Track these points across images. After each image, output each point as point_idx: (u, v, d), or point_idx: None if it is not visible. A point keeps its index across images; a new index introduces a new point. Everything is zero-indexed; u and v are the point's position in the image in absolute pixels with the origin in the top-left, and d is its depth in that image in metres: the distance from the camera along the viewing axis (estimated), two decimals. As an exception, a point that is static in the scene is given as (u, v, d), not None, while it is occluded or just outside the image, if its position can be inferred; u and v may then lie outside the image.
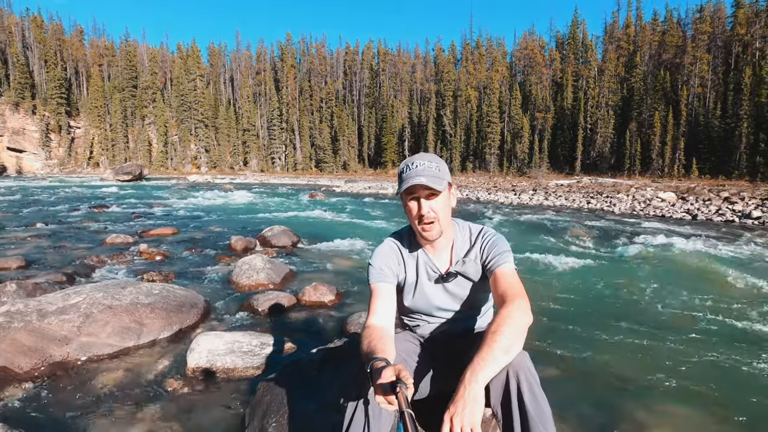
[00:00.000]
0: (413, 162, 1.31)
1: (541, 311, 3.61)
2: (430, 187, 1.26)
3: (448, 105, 54.94)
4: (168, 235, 7.29)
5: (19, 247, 5.96)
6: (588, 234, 8.51)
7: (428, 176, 1.26)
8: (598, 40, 55.43)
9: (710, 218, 11.86)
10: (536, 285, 4.59)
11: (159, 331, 2.89)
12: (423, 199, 1.30)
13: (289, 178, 50.67)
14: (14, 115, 57.93)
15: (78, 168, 59.95)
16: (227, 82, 74.16)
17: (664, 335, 3.13)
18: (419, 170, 1.28)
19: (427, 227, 1.32)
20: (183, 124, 64.43)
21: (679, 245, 7.03)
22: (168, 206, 13.47)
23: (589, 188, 24.17)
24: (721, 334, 3.20)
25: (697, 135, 38.54)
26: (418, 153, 1.42)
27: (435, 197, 1.30)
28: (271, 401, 1.80)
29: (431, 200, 1.30)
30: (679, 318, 3.57)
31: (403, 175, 1.31)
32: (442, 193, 1.31)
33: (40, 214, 10.56)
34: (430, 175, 1.27)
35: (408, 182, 1.27)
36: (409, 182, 1.27)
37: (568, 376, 2.53)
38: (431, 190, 1.28)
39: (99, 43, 73.09)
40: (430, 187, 1.26)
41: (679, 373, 2.54)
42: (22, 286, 3.43)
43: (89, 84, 65.78)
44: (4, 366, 2.35)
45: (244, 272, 4.33)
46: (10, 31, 64.50)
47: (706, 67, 41.82)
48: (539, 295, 4.19)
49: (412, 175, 1.27)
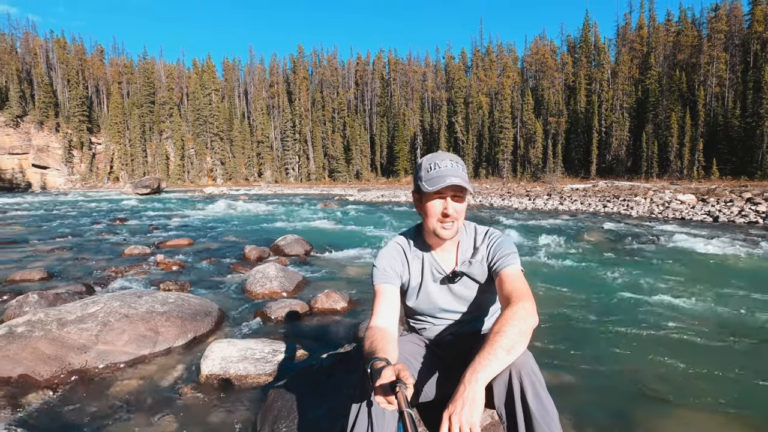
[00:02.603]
0: (442, 160, 1.31)
1: (555, 314, 3.55)
2: (464, 188, 1.28)
3: (460, 112, 54.94)
4: (184, 246, 7.42)
5: (42, 259, 6.14)
6: (604, 237, 8.36)
7: (461, 178, 1.28)
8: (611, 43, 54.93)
9: (732, 220, 11.51)
10: (550, 288, 4.52)
11: (174, 339, 2.93)
12: (449, 198, 1.31)
13: (302, 188, 51.17)
14: (39, 133, 60.11)
15: (99, 183, 61.72)
16: (241, 95, 75.72)
17: (683, 340, 3.04)
18: (451, 170, 1.28)
19: (448, 226, 1.33)
20: (199, 138, 65.88)
21: (699, 248, 6.84)
22: (185, 218, 13.72)
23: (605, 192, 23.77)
24: (744, 339, 3.09)
25: (716, 135, 37.65)
26: (437, 151, 1.43)
27: (460, 200, 1.32)
28: (281, 407, 1.81)
29: (456, 201, 1.31)
30: (698, 322, 3.46)
31: (430, 172, 1.30)
32: (466, 198, 1.34)
33: (62, 227, 10.87)
34: (462, 177, 1.29)
35: (443, 182, 1.26)
36: (445, 181, 1.26)
37: (581, 378, 2.47)
38: (459, 193, 1.30)
39: (118, 62, 75.59)
40: (464, 188, 1.28)
41: (697, 380, 2.46)
42: (43, 297, 3.53)
43: (109, 101, 67.96)
44: (25, 374, 2.41)
45: (258, 281, 4.37)
46: (35, 53, 67.29)
47: (724, 66, 40.98)
48: (553, 298, 4.13)
49: (444, 174, 1.27)
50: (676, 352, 2.84)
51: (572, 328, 3.34)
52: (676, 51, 46.94)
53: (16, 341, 2.54)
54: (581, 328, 3.34)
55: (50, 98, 62.48)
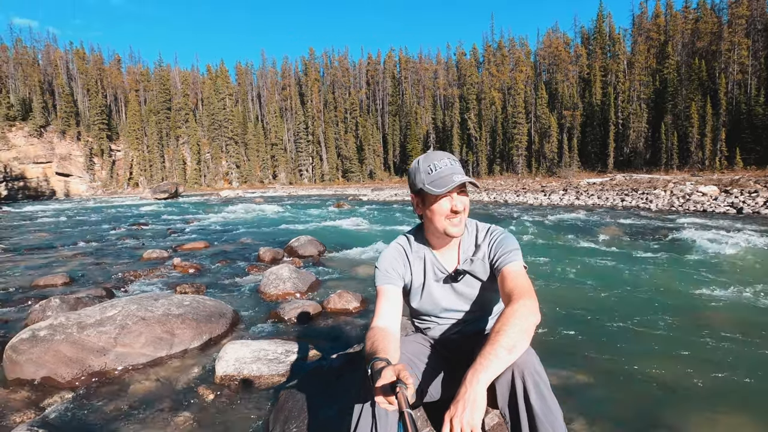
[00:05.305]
0: (440, 160, 1.31)
1: (565, 311, 3.50)
2: (474, 184, 1.30)
3: (472, 108, 54.49)
4: (200, 249, 7.55)
5: (64, 264, 6.34)
6: (622, 232, 8.19)
7: (464, 174, 1.30)
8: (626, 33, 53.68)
9: (757, 211, 11.15)
10: (561, 285, 4.46)
11: (190, 341, 2.99)
12: (456, 194, 1.31)
13: (316, 189, 51.53)
14: (61, 142, 62.00)
15: (119, 189, 63.33)
16: (254, 99, 76.65)
17: (698, 338, 2.95)
18: (453, 168, 1.29)
19: (457, 222, 1.32)
20: (214, 142, 66.97)
21: (721, 240, 6.65)
22: (201, 221, 13.97)
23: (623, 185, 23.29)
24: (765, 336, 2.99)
25: (739, 124, 36.46)
26: (429, 152, 1.42)
27: (465, 192, 1.33)
28: (292, 407, 1.83)
29: (462, 195, 1.32)
30: (716, 319, 3.36)
31: (432, 174, 1.29)
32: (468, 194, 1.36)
33: (84, 233, 11.19)
34: (463, 173, 1.31)
35: (452, 181, 1.26)
36: (454, 181, 1.26)
37: (588, 376, 2.42)
38: (464, 189, 1.32)
39: (135, 70, 77.40)
40: (475, 184, 1.30)
41: (710, 379, 2.38)
42: (65, 301, 3.64)
43: (127, 109, 69.66)
44: (47, 376, 2.49)
45: (271, 282, 4.42)
46: (56, 65, 69.36)
47: (746, 52, 39.64)
48: (564, 295, 4.06)
49: (448, 174, 1.27)
50: (690, 350, 2.76)
51: (582, 324, 3.28)
52: (695, 39, 45.60)
53: (39, 345, 2.63)
54: (591, 325, 3.28)
55: (71, 108, 64.37)
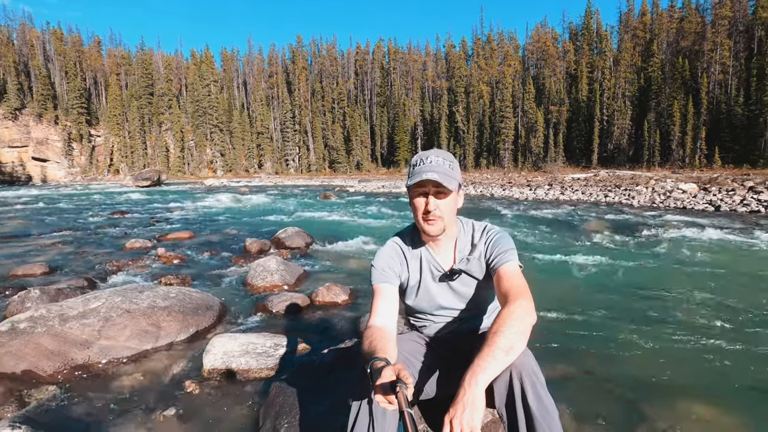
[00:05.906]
0: (427, 156, 1.30)
1: (556, 310, 3.55)
2: (441, 184, 1.25)
3: (461, 101, 54.55)
4: (185, 239, 7.42)
5: (43, 254, 6.15)
6: (605, 228, 8.35)
7: (440, 173, 1.25)
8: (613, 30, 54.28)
9: (734, 209, 11.49)
10: (551, 282, 4.53)
11: (176, 334, 2.94)
12: (432, 195, 1.28)
13: (303, 179, 51.09)
14: (38, 126, 59.92)
15: (99, 175, 61.68)
16: (240, 86, 75.19)
17: (688, 333, 3.04)
18: (433, 165, 1.27)
19: (431, 222, 1.31)
20: (198, 129, 65.61)
21: (701, 237, 6.83)
22: (185, 210, 13.72)
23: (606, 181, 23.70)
24: (747, 331, 3.09)
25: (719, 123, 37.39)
26: (432, 148, 1.40)
27: (443, 196, 1.29)
28: (283, 403, 1.82)
29: (439, 198, 1.29)
30: (700, 315, 3.46)
31: (415, 168, 1.30)
32: (451, 194, 1.30)
33: (63, 221, 10.88)
34: (442, 172, 1.26)
35: (420, 176, 1.25)
36: (421, 176, 1.25)
37: (582, 376, 2.47)
38: (441, 188, 1.27)
39: (116, 53, 75.01)
40: (441, 184, 1.25)
41: (704, 374, 2.46)
42: (45, 292, 3.54)
43: (108, 93, 67.60)
44: (28, 370, 2.42)
45: (259, 274, 4.37)
46: (32, 45, 66.70)
47: (728, 53, 40.51)
48: (553, 293, 4.13)
49: (424, 170, 1.26)
50: (680, 346, 2.84)
51: (573, 323, 3.34)
52: (680, 38, 46.40)
53: (19, 337, 2.55)
54: (582, 323, 3.34)
55: (48, 90, 62.15)
